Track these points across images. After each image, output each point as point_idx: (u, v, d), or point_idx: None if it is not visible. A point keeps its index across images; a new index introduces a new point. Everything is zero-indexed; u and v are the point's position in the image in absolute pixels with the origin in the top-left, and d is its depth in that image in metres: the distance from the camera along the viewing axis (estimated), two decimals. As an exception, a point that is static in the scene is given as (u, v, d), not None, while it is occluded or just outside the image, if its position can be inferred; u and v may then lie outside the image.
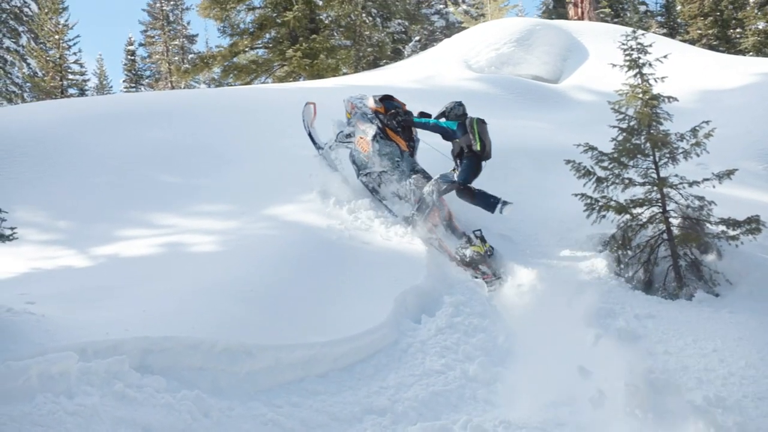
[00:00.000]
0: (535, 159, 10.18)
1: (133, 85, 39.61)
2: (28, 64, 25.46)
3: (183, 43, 39.62)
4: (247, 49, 26.77)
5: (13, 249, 6.79)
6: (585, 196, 8.04)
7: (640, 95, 7.94)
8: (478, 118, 8.46)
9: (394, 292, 6.81)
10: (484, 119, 8.50)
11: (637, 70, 8.05)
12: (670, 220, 7.84)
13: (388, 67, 21.38)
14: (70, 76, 34.71)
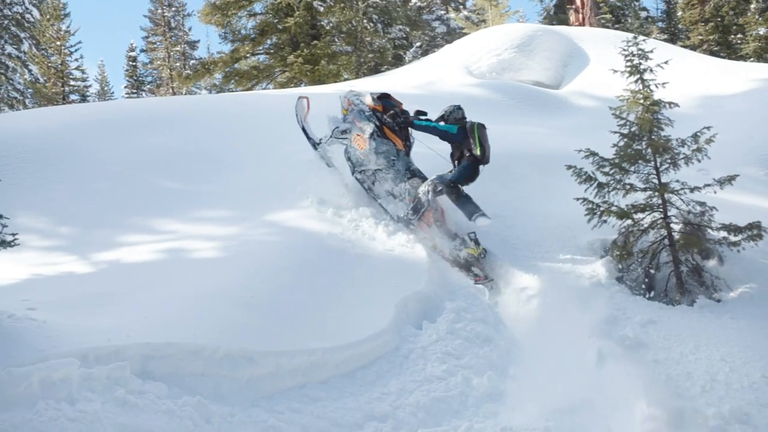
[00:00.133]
0: (536, 164, 10.17)
1: (134, 91, 39.68)
2: (29, 71, 25.49)
3: (184, 49, 39.69)
4: (248, 55, 26.78)
5: (15, 255, 6.78)
6: (586, 201, 8.04)
7: (641, 101, 7.94)
8: (478, 123, 8.55)
9: (396, 298, 6.81)
10: (484, 124, 8.60)
11: (638, 76, 8.05)
12: (672, 225, 7.83)
13: (389, 73, 21.40)
14: (72, 82, 34.77)
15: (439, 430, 5.14)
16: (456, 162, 8.73)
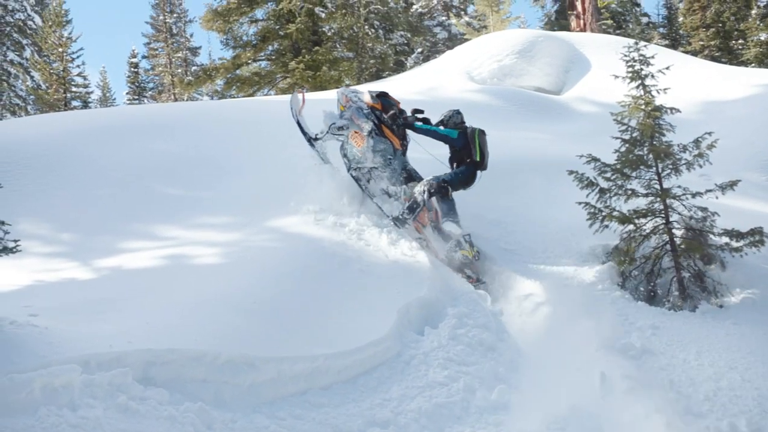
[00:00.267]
0: (537, 170, 10.17)
1: (136, 97, 39.75)
2: (31, 77, 25.58)
3: (186, 55, 39.78)
4: (249, 62, 26.83)
5: (17, 261, 6.79)
6: (588, 205, 8.03)
7: (643, 106, 7.94)
8: (479, 129, 8.63)
9: (397, 304, 6.80)
10: (484, 131, 8.66)
11: (639, 82, 8.05)
12: (674, 231, 7.82)
13: (390, 78, 21.43)
14: (74, 89, 34.84)
15: (441, 437, 5.13)
16: (454, 166, 8.78)
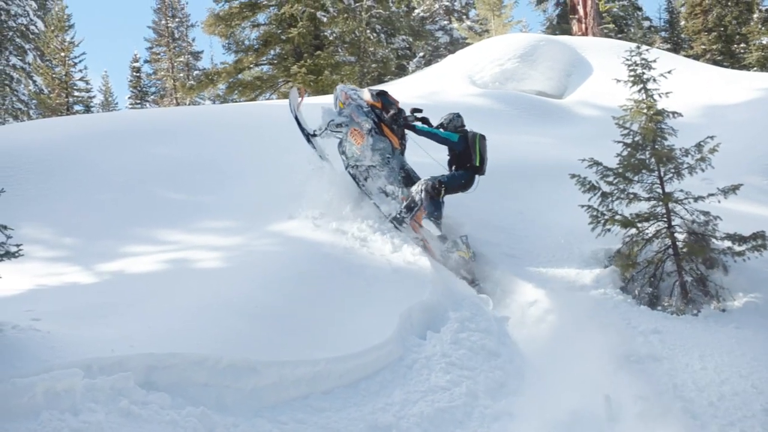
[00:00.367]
0: (539, 174, 10.18)
1: (138, 101, 39.84)
2: (34, 82, 25.65)
3: (188, 59, 39.86)
4: (251, 66, 26.88)
5: (19, 266, 6.74)
6: (591, 209, 8.03)
7: (645, 110, 7.94)
8: (480, 134, 8.67)
9: (400, 308, 6.78)
10: (484, 136, 8.69)
11: (641, 86, 8.06)
12: (676, 235, 7.82)
13: (392, 83, 21.42)
14: (76, 93, 34.98)
15: (443, 441, 5.12)
16: (453, 170, 8.81)
